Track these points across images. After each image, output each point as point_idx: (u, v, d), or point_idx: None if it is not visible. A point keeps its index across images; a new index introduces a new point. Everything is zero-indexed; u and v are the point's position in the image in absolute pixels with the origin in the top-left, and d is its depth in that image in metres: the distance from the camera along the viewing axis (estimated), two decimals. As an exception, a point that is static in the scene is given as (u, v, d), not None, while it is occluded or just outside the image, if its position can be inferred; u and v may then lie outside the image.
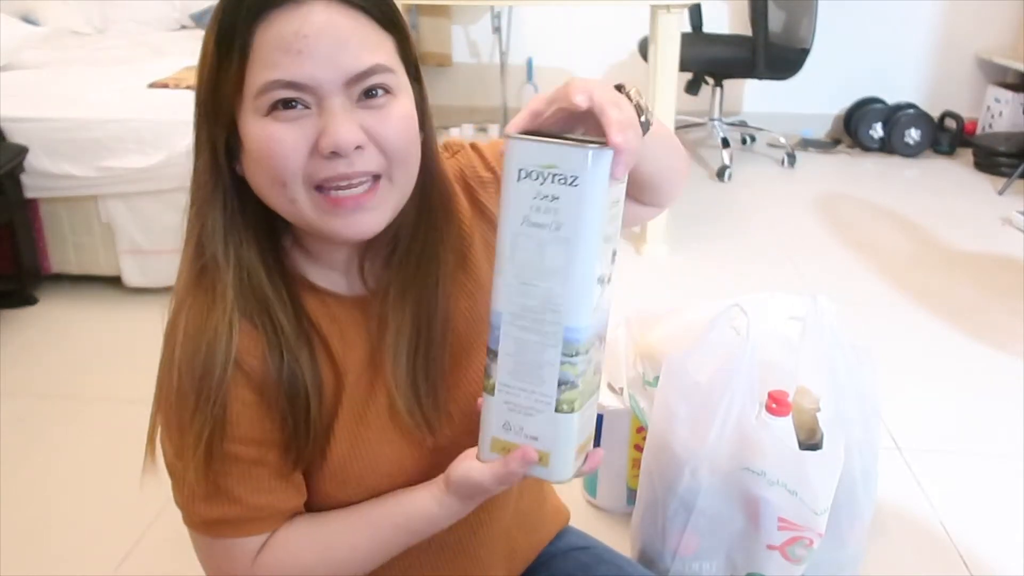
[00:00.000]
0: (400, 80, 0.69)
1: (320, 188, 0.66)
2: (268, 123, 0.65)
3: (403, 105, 0.68)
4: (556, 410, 0.64)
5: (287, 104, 0.64)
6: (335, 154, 0.64)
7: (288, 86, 0.63)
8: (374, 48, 0.66)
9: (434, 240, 0.76)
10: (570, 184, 0.59)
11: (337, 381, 0.74)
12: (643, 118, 0.67)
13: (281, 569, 0.74)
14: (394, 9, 0.69)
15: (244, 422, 0.70)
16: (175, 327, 0.70)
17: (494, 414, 0.66)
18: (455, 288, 0.79)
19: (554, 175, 0.60)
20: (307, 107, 0.64)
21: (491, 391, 0.66)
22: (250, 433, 0.71)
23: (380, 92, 0.66)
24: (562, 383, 0.63)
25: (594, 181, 0.59)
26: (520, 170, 0.61)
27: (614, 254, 0.64)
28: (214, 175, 0.69)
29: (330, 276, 0.76)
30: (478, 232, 0.82)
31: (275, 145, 0.64)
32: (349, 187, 0.66)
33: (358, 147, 0.65)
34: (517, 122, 0.62)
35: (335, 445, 0.74)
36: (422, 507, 0.73)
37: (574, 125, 0.63)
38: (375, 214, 0.68)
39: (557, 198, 0.60)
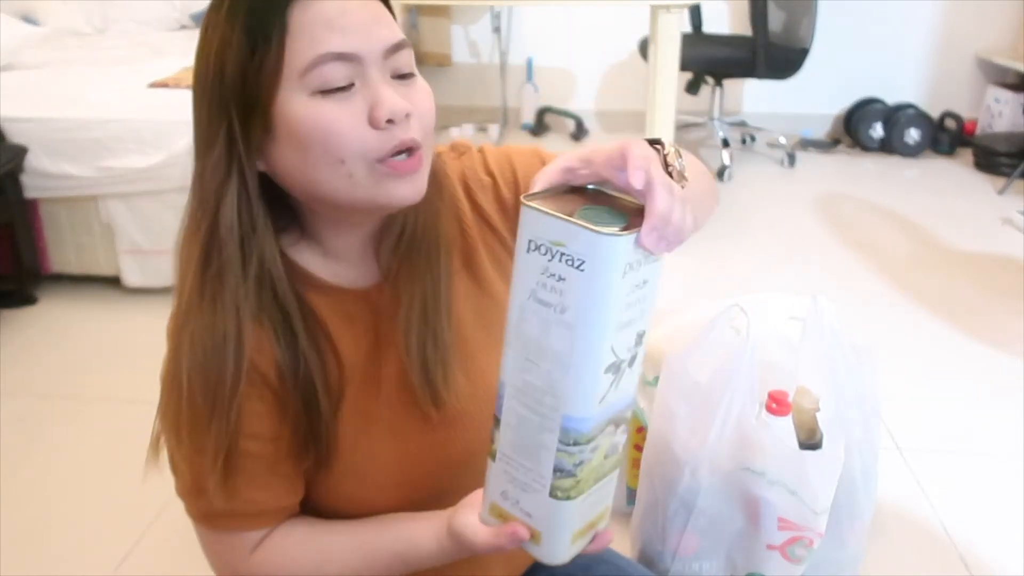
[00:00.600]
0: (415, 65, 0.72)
1: (380, 160, 0.67)
2: (319, 102, 0.65)
3: (425, 83, 0.72)
4: (550, 495, 0.60)
5: (339, 85, 0.66)
6: (391, 122, 0.66)
7: (338, 58, 0.65)
8: (395, 25, 0.70)
9: (434, 223, 0.77)
10: (576, 267, 0.54)
11: (341, 374, 0.75)
12: (682, 185, 0.65)
13: (274, 570, 0.75)
14: (391, 5, 0.72)
15: (255, 420, 0.71)
16: (181, 330, 0.69)
17: (494, 480, 0.64)
18: (458, 282, 0.80)
19: (562, 254, 0.54)
20: (352, 84, 0.66)
21: (493, 457, 0.63)
22: (260, 430, 0.72)
23: (407, 73, 0.70)
24: (557, 470, 0.59)
25: (604, 268, 0.53)
26: (530, 241, 0.55)
27: (640, 336, 0.59)
28: (228, 170, 0.67)
29: (336, 269, 0.76)
30: (480, 237, 0.83)
31: (331, 124, 0.65)
32: (408, 153, 0.68)
33: (407, 114, 0.67)
34: (547, 174, 0.60)
35: (341, 438, 0.75)
36: (422, 543, 0.73)
37: (614, 174, 0.58)
38: (424, 177, 0.70)
39: (564, 279, 0.54)
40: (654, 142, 0.65)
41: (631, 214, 0.56)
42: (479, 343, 0.80)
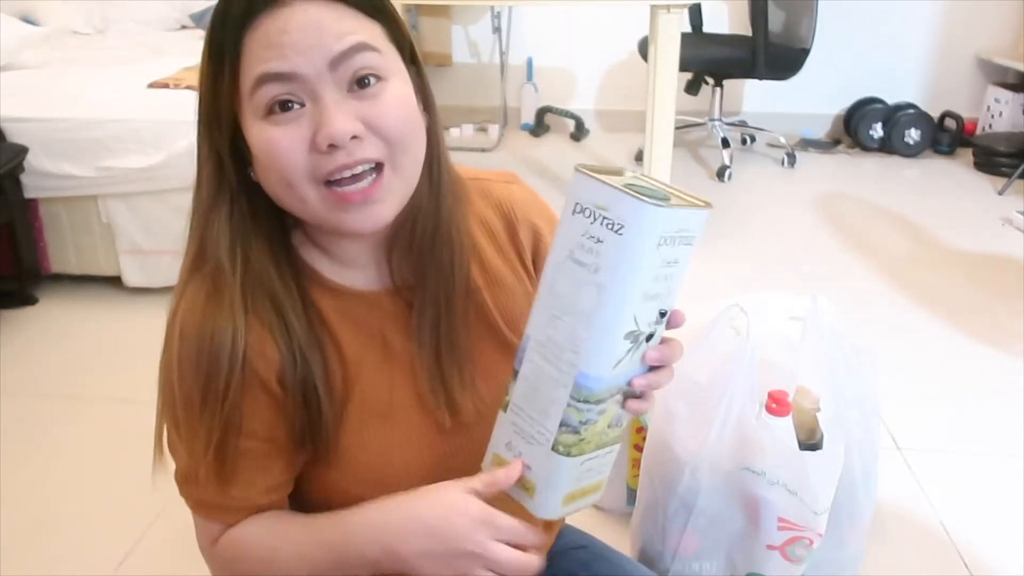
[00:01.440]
0: (390, 62, 0.69)
1: (328, 184, 0.66)
2: (266, 127, 0.66)
3: (397, 88, 0.69)
4: (552, 448, 0.63)
5: (284, 106, 0.65)
6: (333, 147, 0.64)
7: (276, 78, 0.64)
8: (355, 31, 0.66)
9: (447, 220, 0.76)
10: (615, 231, 0.58)
11: (346, 375, 0.75)
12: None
13: (233, 555, 0.76)
14: (378, 2, 0.69)
15: (250, 417, 0.71)
16: (176, 330, 0.70)
17: (501, 431, 0.66)
18: (477, 292, 0.79)
19: (604, 218, 0.58)
20: (302, 104, 0.65)
21: (505, 408, 0.66)
22: (256, 428, 0.72)
23: (372, 80, 0.67)
24: (563, 424, 0.62)
25: (641, 235, 0.57)
26: (577, 203, 0.60)
27: (662, 315, 0.62)
28: (219, 183, 0.70)
29: (343, 272, 0.76)
30: (505, 260, 0.83)
31: (275, 147, 0.65)
32: (355, 180, 0.66)
33: (354, 137, 0.65)
34: None
35: (344, 437, 0.74)
36: (358, 543, 0.70)
37: None
38: (383, 206, 0.68)
39: (602, 241, 0.58)
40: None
41: (674, 198, 0.61)
42: (494, 356, 0.79)
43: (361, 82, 0.66)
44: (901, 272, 2.66)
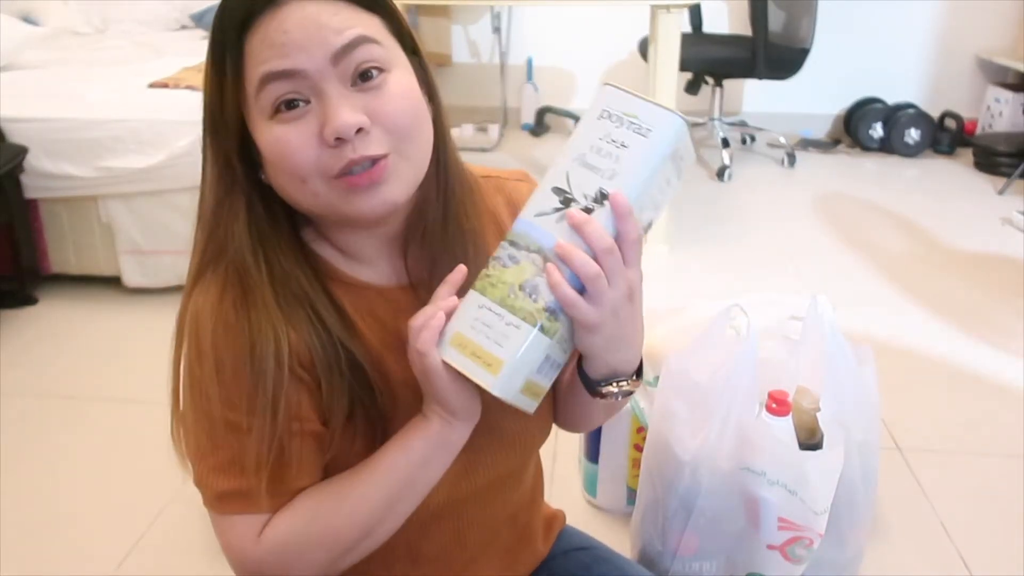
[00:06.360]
0: (392, 54, 0.69)
1: (337, 177, 0.67)
2: (274, 126, 0.66)
3: (400, 79, 0.69)
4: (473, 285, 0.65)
5: (289, 105, 0.65)
6: (340, 140, 0.65)
7: (280, 76, 0.65)
8: (354, 24, 0.67)
9: (456, 209, 0.76)
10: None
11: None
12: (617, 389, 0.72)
13: (285, 535, 0.71)
14: None
15: (295, 400, 0.70)
16: (201, 330, 0.69)
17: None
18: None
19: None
20: (307, 102, 0.66)
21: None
22: (306, 414, 0.71)
23: (374, 72, 0.67)
24: (492, 259, 0.65)
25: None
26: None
27: (603, 195, 0.63)
28: (229, 184, 0.70)
29: (357, 268, 0.76)
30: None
31: (284, 145, 0.66)
32: (361, 169, 0.67)
33: (360, 130, 0.65)
34: None
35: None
36: (410, 431, 0.71)
37: None
38: (390, 187, 0.68)
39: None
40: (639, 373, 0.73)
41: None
42: None
43: (364, 75, 0.67)
44: (901, 272, 2.66)
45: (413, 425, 0.71)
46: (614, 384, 0.71)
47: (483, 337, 0.64)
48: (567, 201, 0.63)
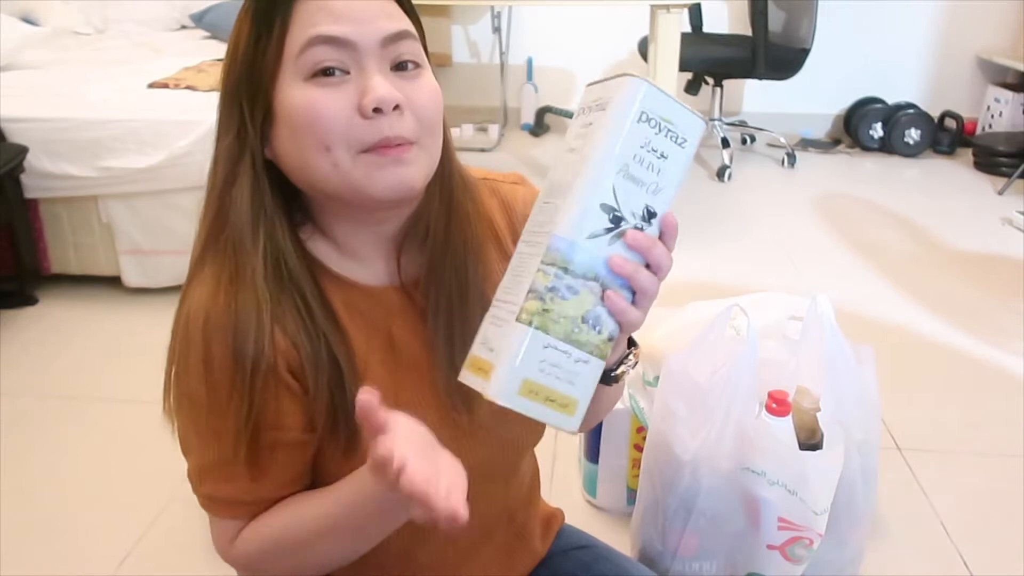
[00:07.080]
0: (424, 58, 0.72)
1: (365, 151, 0.67)
2: (309, 88, 0.66)
3: (431, 78, 0.71)
4: (516, 319, 0.58)
5: (327, 72, 0.66)
6: (378, 111, 0.66)
7: (330, 41, 0.66)
8: (404, 21, 0.70)
9: (459, 220, 0.77)
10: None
11: (356, 365, 0.74)
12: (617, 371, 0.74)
13: (254, 549, 0.73)
14: (413, 7, 0.72)
15: (277, 407, 0.70)
16: (194, 315, 0.69)
17: (480, 329, 0.63)
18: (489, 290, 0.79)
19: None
20: (346, 72, 0.67)
21: (487, 308, 0.64)
22: (284, 419, 0.71)
23: (411, 65, 0.69)
24: (531, 291, 0.58)
25: (622, 107, 0.60)
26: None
27: (651, 214, 0.61)
28: (239, 156, 0.70)
29: (351, 266, 0.76)
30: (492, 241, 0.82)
31: (319, 108, 0.66)
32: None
33: (396, 107, 0.66)
34: None
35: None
36: (349, 485, 0.69)
37: None
38: (412, 168, 0.69)
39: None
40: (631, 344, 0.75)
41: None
42: None
43: (402, 65, 0.69)
44: (901, 272, 2.66)
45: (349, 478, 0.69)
46: (624, 364, 0.75)
47: (554, 380, 0.60)
48: (617, 220, 0.60)
